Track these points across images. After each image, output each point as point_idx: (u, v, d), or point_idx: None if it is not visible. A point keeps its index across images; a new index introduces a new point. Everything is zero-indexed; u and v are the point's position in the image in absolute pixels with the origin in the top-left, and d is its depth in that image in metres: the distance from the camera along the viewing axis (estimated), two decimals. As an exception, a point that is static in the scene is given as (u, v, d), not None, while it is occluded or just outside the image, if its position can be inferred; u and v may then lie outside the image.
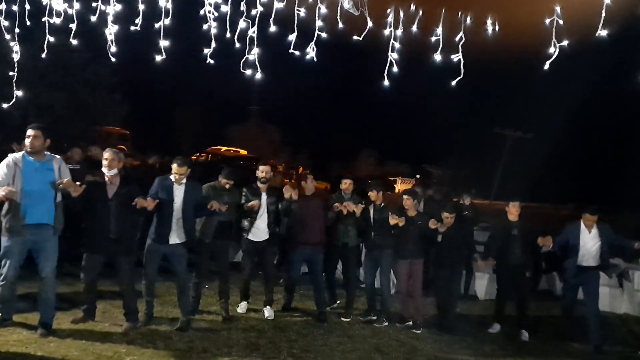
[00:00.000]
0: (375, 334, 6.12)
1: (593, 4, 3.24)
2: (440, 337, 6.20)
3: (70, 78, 21.98)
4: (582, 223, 6.35)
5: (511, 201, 6.65)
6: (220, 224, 6.03)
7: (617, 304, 8.09)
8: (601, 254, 6.27)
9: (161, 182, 5.60)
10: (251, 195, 6.37)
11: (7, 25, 4.73)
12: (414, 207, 6.61)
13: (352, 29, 3.81)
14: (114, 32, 4.45)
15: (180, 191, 5.58)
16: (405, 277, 6.58)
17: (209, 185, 6.12)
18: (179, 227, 5.56)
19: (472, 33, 3.81)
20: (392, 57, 3.86)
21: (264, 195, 6.41)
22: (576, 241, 6.30)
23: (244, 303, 6.60)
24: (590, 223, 6.32)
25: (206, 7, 4.13)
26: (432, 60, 3.92)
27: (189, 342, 5.25)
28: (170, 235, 5.54)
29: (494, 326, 6.67)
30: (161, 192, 5.52)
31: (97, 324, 5.50)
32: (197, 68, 26.74)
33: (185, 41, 5.24)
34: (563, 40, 3.43)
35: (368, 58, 5.27)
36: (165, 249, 5.61)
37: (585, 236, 6.31)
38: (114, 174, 5.34)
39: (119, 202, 5.27)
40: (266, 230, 6.42)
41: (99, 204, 5.25)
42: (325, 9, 3.73)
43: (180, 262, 5.69)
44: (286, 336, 5.73)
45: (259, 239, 6.42)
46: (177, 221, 5.55)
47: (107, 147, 6.04)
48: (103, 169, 5.35)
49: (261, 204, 6.34)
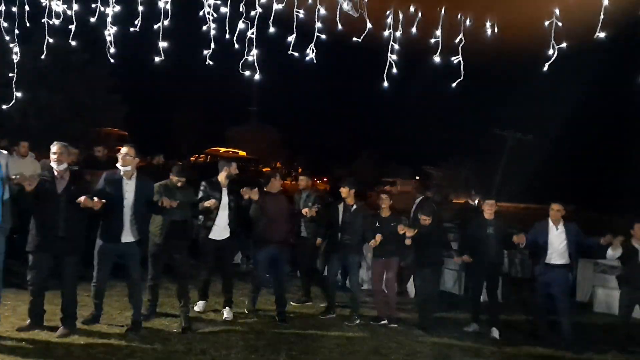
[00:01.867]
0: (374, 335, 6.12)
1: (591, 7, 3.25)
2: (440, 339, 6.20)
3: (70, 79, 21.99)
4: (549, 221, 6.38)
5: (487, 200, 6.73)
6: (173, 223, 5.74)
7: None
8: (568, 252, 6.31)
9: (109, 177, 5.30)
10: (211, 191, 6.16)
11: (7, 26, 4.73)
12: (388, 206, 6.66)
13: (351, 31, 3.81)
14: (113, 34, 4.45)
15: (131, 186, 5.29)
16: (380, 276, 6.64)
17: (160, 183, 5.83)
18: (132, 225, 5.27)
19: (471, 35, 3.81)
20: (391, 58, 3.87)
21: (224, 190, 6.20)
22: (544, 239, 6.34)
23: (201, 302, 6.43)
24: (556, 215, 6.33)
25: (205, 8, 4.13)
26: (432, 61, 3.93)
27: (187, 343, 5.25)
28: (123, 234, 5.24)
29: (471, 325, 6.68)
30: (109, 188, 5.23)
31: (96, 325, 5.48)
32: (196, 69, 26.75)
33: (184, 42, 5.25)
34: (562, 43, 3.43)
35: (367, 59, 5.27)
36: (118, 248, 5.31)
37: (553, 233, 6.33)
38: (63, 168, 5.04)
39: (68, 198, 4.97)
40: (227, 228, 6.21)
41: (48, 199, 4.93)
42: (325, 11, 3.74)
43: (132, 262, 5.40)
44: (285, 338, 5.73)
45: (219, 237, 6.20)
46: (129, 218, 5.26)
47: (107, 148, 6.04)
48: (52, 163, 5.04)
49: (221, 202, 6.13)
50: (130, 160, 5.29)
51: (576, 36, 3.49)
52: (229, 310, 6.27)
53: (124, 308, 5.95)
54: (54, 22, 4.49)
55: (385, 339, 6.00)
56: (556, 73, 3.85)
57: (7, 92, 5.32)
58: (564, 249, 6.30)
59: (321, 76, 43.23)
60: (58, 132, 20.49)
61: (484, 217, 6.63)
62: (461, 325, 6.76)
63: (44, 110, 21.02)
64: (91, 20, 4.48)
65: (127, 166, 5.27)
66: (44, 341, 4.94)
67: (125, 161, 5.26)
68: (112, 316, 5.83)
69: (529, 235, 6.46)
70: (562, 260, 6.31)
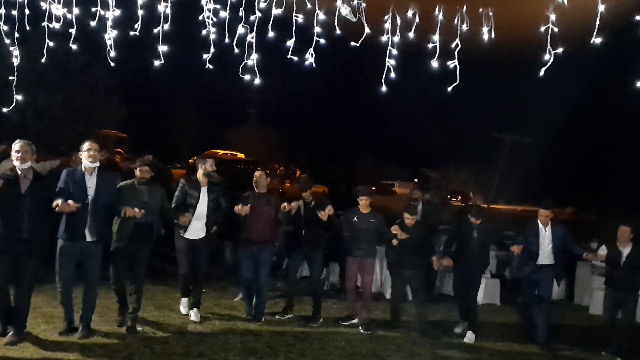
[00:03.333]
0: (372, 338, 6.13)
1: (587, 13, 3.29)
2: (438, 341, 6.21)
3: (68, 81, 22.02)
4: (538, 222, 6.48)
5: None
6: (138, 226, 5.46)
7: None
8: (554, 253, 6.40)
9: (70, 175, 5.08)
10: (189, 189, 6.02)
11: (7, 29, 4.75)
12: (366, 205, 6.59)
13: (349, 35, 3.85)
14: (113, 37, 4.46)
15: (92, 182, 5.09)
16: (354, 275, 6.61)
17: (126, 183, 5.59)
18: (93, 223, 5.07)
19: (469, 39, 3.84)
20: (389, 62, 3.90)
21: (204, 189, 6.07)
22: (535, 240, 6.43)
23: (184, 299, 6.32)
24: (544, 219, 6.45)
25: (205, 12, 4.16)
26: (430, 65, 3.96)
27: (186, 346, 5.26)
28: (86, 232, 5.05)
29: (460, 324, 6.71)
30: (72, 185, 5.00)
31: (94, 326, 5.48)
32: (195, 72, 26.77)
33: (184, 46, 5.27)
34: (558, 48, 3.47)
35: (366, 63, 5.30)
36: (80, 247, 5.09)
37: (542, 234, 6.44)
38: (27, 167, 4.84)
39: (32, 198, 4.80)
40: (203, 228, 6.07)
41: (11, 199, 4.74)
42: (324, 16, 3.77)
43: (93, 262, 5.19)
44: (283, 340, 5.74)
45: (193, 236, 6.05)
46: (92, 215, 5.05)
47: (106, 150, 6.02)
48: (15, 162, 4.85)
49: (199, 201, 6.00)
50: (98, 156, 5.16)
51: (572, 41, 3.53)
52: (196, 312, 6.13)
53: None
54: (54, 25, 4.50)
55: (384, 342, 6.01)
56: (553, 77, 3.89)
57: (7, 94, 5.33)
58: (551, 250, 6.41)
59: (320, 80, 43.33)
60: (57, 133, 20.54)
61: (470, 220, 6.62)
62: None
63: (43, 111, 21.02)
64: (90, 23, 4.51)
65: (96, 162, 5.11)
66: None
67: (95, 157, 5.10)
68: (110, 318, 5.84)
69: (522, 238, 6.54)
70: (549, 261, 6.42)
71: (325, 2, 3.75)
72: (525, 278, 6.63)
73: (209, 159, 6.32)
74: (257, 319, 6.28)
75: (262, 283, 6.40)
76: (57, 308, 5.57)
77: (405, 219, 6.51)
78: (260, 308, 6.38)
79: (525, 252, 6.47)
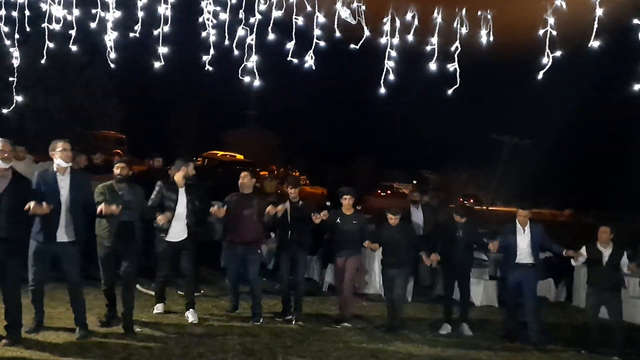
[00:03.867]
0: (371, 340, 6.13)
1: (585, 16, 3.31)
2: (436, 343, 6.22)
3: (67, 82, 22.01)
4: (517, 223, 6.51)
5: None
6: (121, 225, 5.40)
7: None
8: (534, 253, 6.44)
9: (42, 175, 5.00)
10: (167, 191, 5.95)
11: (7, 30, 4.76)
12: (349, 206, 6.63)
13: (349, 37, 3.87)
14: (113, 39, 4.48)
15: (65, 182, 5.00)
16: (341, 275, 6.64)
17: (104, 185, 5.52)
18: (68, 223, 4.98)
19: (468, 42, 3.87)
20: (388, 65, 3.92)
21: (182, 191, 5.99)
22: (513, 240, 6.46)
23: (160, 305, 6.28)
24: (523, 219, 6.49)
25: (205, 14, 4.17)
26: (429, 68, 3.98)
27: (184, 347, 5.26)
28: (59, 233, 4.96)
29: (444, 326, 6.72)
30: (44, 186, 4.93)
31: (93, 328, 5.47)
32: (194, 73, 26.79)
33: (183, 47, 5.28)
34: (556, 51, 3.50)
35: (365, 65, 5.32)
36: (54, 249, 5.00)
37: (520, 234, 6.47)
38: (6, 167, 4.78)
39: (10, 197, 4.73)
40: (185, 229, 5.99)
41: None
42: (323, 18, 3.79)
43: (71, 263, 5.10)
44: (282, 342, 5.73)
45: (176, 239, 5.99)
46: (66, 215, 4.96)
47: (105, 151, 6.00)
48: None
49: (177, 203, 5.93)
50: (71, 156, 5.09)
51: (571, 44, 3.55)
52: (193, 313, 6.11)
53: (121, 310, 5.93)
54: (54, 28, 4.52)
55: (382, 343, 6.01)
56: (552, 80, 3.91)
57: (6, 95, 5.33)
58: (530, 250, 6.44)
59: (319, 82, 43.43)
60: (55, 135, 20.49)
61: (455, 220, 6.72)
62: (459, 329, 6.76)
63: (42, 113, 21.02)
64: (90, 24, 4.52)
65: (68, 162, 5.04)
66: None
67: (67, 157, 5.00)
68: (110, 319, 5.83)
69: (500, 238, 6.59)
70: (530, 260, 6.44)
71: (325, 5, 3.78)
72: (507, 279, 6.68)
73: (191, 163, 6.31)
74: (255, 320, 6.27)
75: (252, 282, 6.36)
76: (55, 309, 5.59)
77: (389, 219, 6.53)
78: (256, 309, 6.33)
79: (504, 253, 6.56)
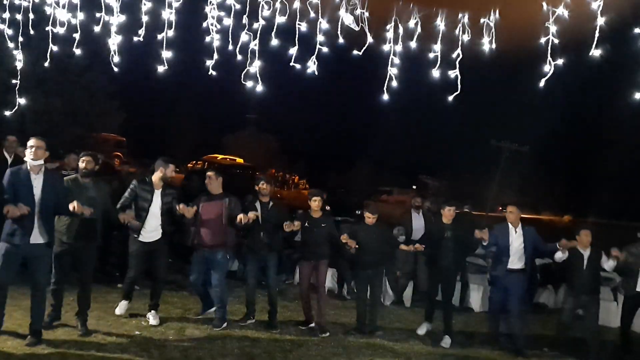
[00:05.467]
0: (370, 345, 6.12)
1: (587, 25, 3.33)
2: (436, 349, 6.22)
3: (68, 84, 22.01)
4: (509, 224, 6.40)
5: (446, 205, 6.66)
6: (83, 223, 5.26)
7: (612, 317, 8.11)
8: (525, 256, 6.33)
9: (14, 174, 4.84)
10: (141, 191, 5.84)
11: (11, 34, 4.78)
12: (318, 208, 6.47)
13: (352, 44, 3.89)
14: (117, 42, 4.50)
15: (38, 181, 4.83)
16: (308, 279, 6.52)
17: (69, 178, 5.37)
18: (41, 223, 4.84)
19: (469, 49, 3.89)
20: (391, 71, 3.94)
21: (157, 192, 5.88)
22: (506, 241, 6.33)
23: (124, 302, 6.13)
24: (514, 217, 6.36)
25: (209, 19, 4.19)
26: (431, 74, 4.00)
27: (183, 350, 5.26)
28: (33, 234, 4.81)
29: (423, 325, 6.68)
30: (17, 186, 4.77)
31: (95, 327, 5.49)
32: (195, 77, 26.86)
33: (186, 52, 5.30)
34: (558, 59, 3.52)
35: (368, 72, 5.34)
36: (25, 250, 4.82)
37: (512, 235, 6.35)
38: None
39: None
40: (159, 230, 5.89)
41: None
42: (327, 24, 3.81)
43: (41, 265, 4.95)
44: (280, 346, 5.73)
45: (148, 239, 5.88)
46: (39, 216, 4.81)
47: (104, 154, 5.97)
48: None
49: (152, 203, 5.83)
50: (42, 154, 4.87)
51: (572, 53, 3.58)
52: (154, 315, 6.00)
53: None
54: (57, 31, 4.54)
55: (381, 349, 6.01)
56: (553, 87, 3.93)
57: (9, 98, 5.35)
58: (522, 252, 6.32)
59: (321, 87, 43.46)
60: (55, 137, 20.52)
61: (442, 221, 6.56)
62: (458, 335, 6.76)
63: (42, 115, 21.01)
64: (93, 28, 4.54)
65: (39, 160, 4.84)
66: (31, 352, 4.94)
67: (37, 154, 4.83)
68: (107, 322, 5.83)
69: (491, 237, 6.41)
70: (520, 265, 6.34)
71: (328, 11, 3.80)
72: (495, 282, 6.58)
73: (171, 164, 6.12)
74: (215, 324, 6.05)
75: (215, 287, 6.17)
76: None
77: (366, 217, 6.47)
78: (219, 313, 6.15)
79: (495, 256, 6.40)
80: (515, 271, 6.32)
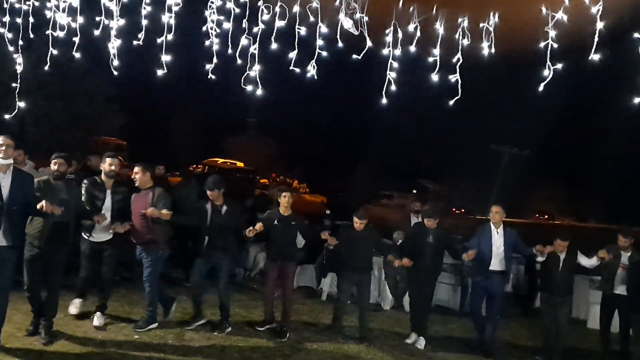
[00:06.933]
0: (370, 350, 6.10)
1: (586, 29, 3.34)
2: (435, 353, 6.20)
3: (69, 88, 22.04)
4: (491, 224, 6.38)
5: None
6: (55, 226, 5.08)
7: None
8: (505, 258, 6.30)
9: None
10: (94, 191, 5.67)
11: (11, 37, 4.79)
12: (288, 205, 6.27)
13: (351, 48, 3.89)
14: (117, 46, 4.50)
15: (6, 181, 4.61)
16: (273, 280, 6.36)
17: (41, 179, 5.20)
18: (7, 226, 4.60)
19: (469, 53, 3.89)
20: (390, 75, 3.94)
21: (108, 192, 5.72)
22: (488, 243, 6.29)
23: (77, 300, 5.98)
24: (497, 218, 6.34)
25: (209, 23, 4.20)
26: (430, 78, 4.00)
27: (182, 354, 5.24)
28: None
29: (411, 336, 6.54)
30: None
31: (92, 334, 5.47)
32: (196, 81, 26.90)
33: (185, 55, 5.30)
34: (557, 63, 3.53)
35: (367, 76, 5.35)
36: None
37: (495, 236, 6.32)
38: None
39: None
40: (109, 230, 5.71)
41: None
42: (326, 28, 3.82)
43: (5, 268, 4.65)
44: (280, 350, 5.72)
45: (99, 239, 5.74)
46: (6, 217, 4.59)
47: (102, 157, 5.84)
48: None
49: (104, 203, 5.66)
50: (11, 153, 4.67)
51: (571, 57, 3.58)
52: (100, 316, 5.80)
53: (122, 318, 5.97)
54: (58, 35, 4.55)
55: (381, 354, 6.00)
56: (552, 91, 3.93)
57: (9, 101, 5.35)
58: (502, 254, 6.29)
59: (321, 91, 43.56)
60: (55, 140, 20.54)
61: (425, 225, 6.47)
62: (457, 340, 6.74)
63: (42, 118, 21.04)
64: (93, 31, 4.55)
65: (8, 159, 4.63)
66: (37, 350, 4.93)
67: (8, 153, 4.61)
68: (107, 325, 5.81)
69: (473, 241, 6.37)
70: (501, 267, 6.30)
71: (328, 15, 3.81)
72: (475, 284, 6.56)
73: (107, 158, 5.81)
74: (138, 326, 5.83)
75: (145, 286, 5.91)
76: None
77: (355, 222, 6.39)
78: (146, 312, 5.93)
79: (477, 257, 6.28)
80: (496, 273, 6.28)
